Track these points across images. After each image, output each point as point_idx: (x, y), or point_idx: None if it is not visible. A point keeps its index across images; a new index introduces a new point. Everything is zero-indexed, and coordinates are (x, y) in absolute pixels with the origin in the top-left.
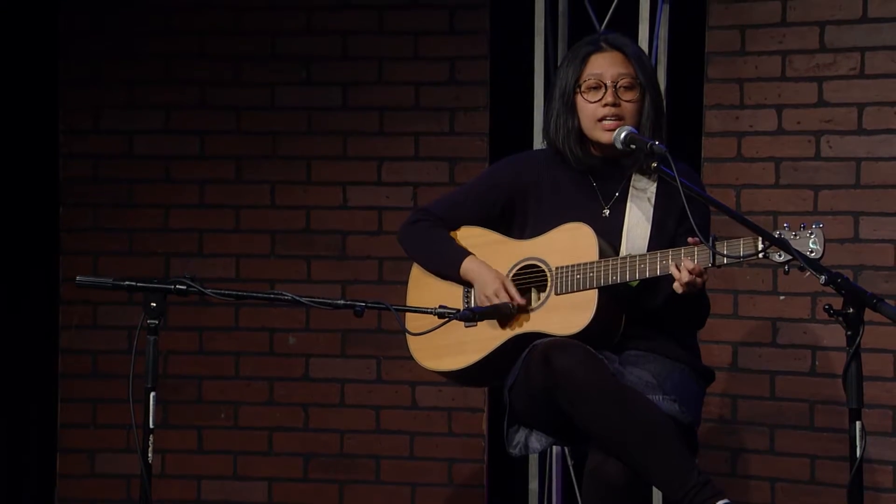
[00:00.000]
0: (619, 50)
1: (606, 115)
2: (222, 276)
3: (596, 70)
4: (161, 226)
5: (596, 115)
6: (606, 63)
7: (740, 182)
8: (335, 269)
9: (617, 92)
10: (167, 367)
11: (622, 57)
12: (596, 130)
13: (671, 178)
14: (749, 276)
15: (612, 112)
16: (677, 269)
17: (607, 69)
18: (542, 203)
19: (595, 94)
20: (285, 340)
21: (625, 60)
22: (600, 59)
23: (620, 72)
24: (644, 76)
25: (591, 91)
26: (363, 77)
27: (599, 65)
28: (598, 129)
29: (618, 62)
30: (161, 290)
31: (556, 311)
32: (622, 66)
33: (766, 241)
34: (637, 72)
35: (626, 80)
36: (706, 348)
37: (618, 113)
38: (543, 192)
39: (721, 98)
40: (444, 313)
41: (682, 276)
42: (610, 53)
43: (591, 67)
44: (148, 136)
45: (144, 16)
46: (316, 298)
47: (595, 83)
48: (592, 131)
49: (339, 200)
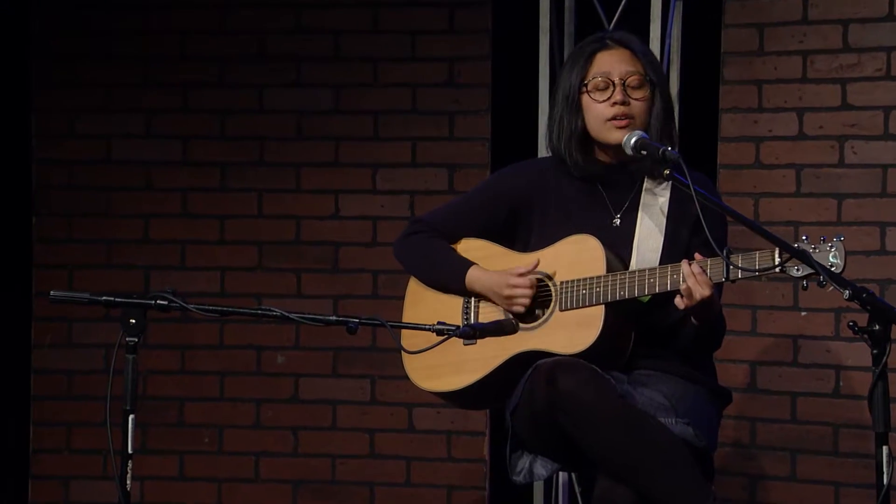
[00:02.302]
0: (626, 47)
1: (616, 114)
2: (206, 291)
3: (603, 68)
4: (141, 237)
5: (605, 114)
6: (614, 60)
7: (758, 190)
8: (327, 282)
9: (626, 90)
10: (147, 388)
11: (629, 54)
12: (604, 130)
13: (684, 185)
14: (768, 290)
15: (621, 111)
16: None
17: (615, 67)
18: (546, 213)
19: (603, 93)
20: (273, 359)
21: (632, 57)
22: (607, 57)
23: (629, 69)
24: (654, 73)
25: (598, 91)
26: (357, 79)
27: (606, 62)
28: (608, 128)
29: (625, 59)
30: (141, 305)
31: (560, 329)
32: (630, 64)
33: (783, 254)
34: (646, 69)
35: (634, 78)
36: (722, 367)
37: (628, 112)
38: (548, 202)
39: (738, 101)
40: (443, 330)
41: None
42: (617, 51)
43: (598, 66)
44: (127, 140)
45: (123, 14)
46: (306, 314)
47: (602, 82)
48: (601, 132)
49: (331, 210)
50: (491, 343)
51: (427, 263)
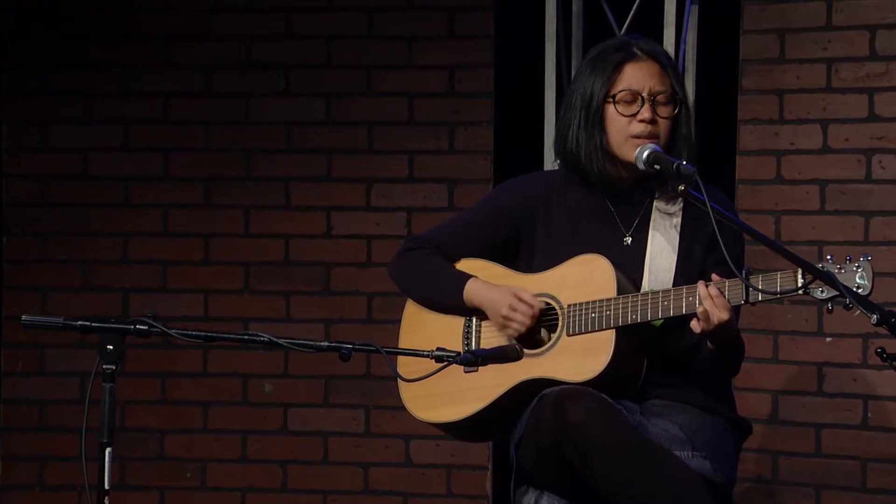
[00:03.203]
0: (655, 59)
1: (642, 132)
2: (189, 315)
3: (631, 82)
4: (119, 257)
5: (630, 131)
6: (643, 74)
7: (780, 207)
8: (318, 305)
9: (654, 107)
10: (125, 420)
11: (658, 68)
12: (626, 147)
13: (700, 202)
14: (791, 314)
15: (648, 130)
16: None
17: (645, 81)
18: (552, 231)
19: (629, 107)
20: (260, 388)
21: (661, 72)
22: (636, 70)
23: (658, 86)
24: (681, 90)
25: (624, 104)
26: (350, 87)
27: (635, 76)
28: (630, 145)
29: (655, 74)
30: (119, 330)
31: (568, 355)
32: (660, 79)
33: (807, 275)
34: (674, 85)
35: (663, 96)
36: (742, 397)
37: (654, 131)
38: (554, 219)
39: (758, 112)
40: (442, 357)
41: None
42: (646, 63)
43: (626, 78)
44: (104, 154)
45: (101, 19)
46: (296, 340)
47: (630, 95)
48: (622, 148)
49: (323, 228)
50: (494, 370)
51: (423, 280)
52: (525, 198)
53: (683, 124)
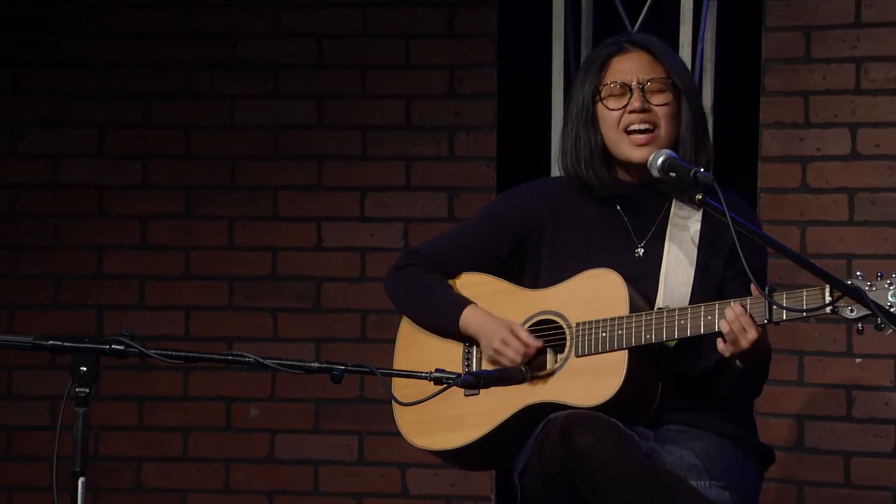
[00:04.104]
0: (646, 49)
1: (634, 122)
2: (168, 334)
3: (619, 74)
4: (93, 272)
5: (622, 124)
6: (631, 65)
7: (805, 218)
8: (308, 323)
9: (645, 95)
10: (99, 447)
11: (649, 57)
12: (623, 144)
13: (719, 212)
14: (817, 333)
15: (641, 119)
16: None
17: (633, 72)
18: (559, 243)
19: (618, 100)
20: (246, 413)
21: (652, 61)
22: (623, 62)
23: (647, 73)
24: (678, 77)
25: (612, 98)
26: (343, 89)
27: (622, 67)
28: (626, 142)
29: (644, 63)
30: (93, 350)
31: (576, 378)
32: (649, 67)
33: (835, 292)
34: (669, 73)
35: (655, 83)
36: (764, 422)
37: (649, 119)
38: (561, 231)
39: (781, 115)
40: (442, 378)
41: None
42: (635, 54)
43: (613, 72)
44: (78, 160)
45: (76, 15)
46: (284, 360)
47: (618, 88)
48: (619, 145)
49: (313, 240)
50: (496, 394)
51: (419, 301)
52: (530, 208)
53: (686, 115)
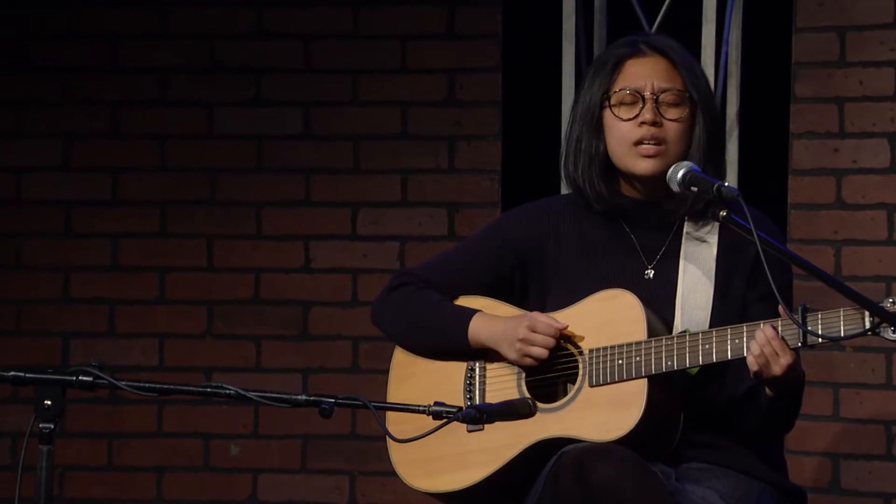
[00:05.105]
0: (664, 54)
1: (644, 136)
2: (141, 364)
3: (632, 79)
4: (59, 295)
5: (630, 136)
6: (646, 71)
7: (840, 237)
8: (294, 352)
9: (658, 107)
10: (65, 488)
11: (667, 63)
12: (629, 157)
13: (746, 232)
14: (853, 363)
15: (650, 133)
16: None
17: (647, 78)
18: (566, 265)
19: (629, 109)
20: (226, 450)
21: (670, 68)
22: (638, 66)
23: (664, 83)
24: (696, 90)
25: (623, 106)
26: (332, 95)
27: (637, 73)
28: (633, 155)
29: (661, 70)
30: (58, 382)
31: (591, 410)
32: (666, 76)
33: (874, 315)
34: (686, 84)
35: (670, 95)
36: (795, 461)
37: (658, 135)
38: (568, 251)
39: (814, 124)
40: (441, 413)
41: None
42: (651, 58)
43: (626, 76)
44: (41, 174)
45: (39, 15)
46: (268, 393)
47: (630, 96)
48: (625, 158)
49: (300, 260)
50: (502, 429)
51: (416, 320)
52: (536, 227)
53: (700, 132)
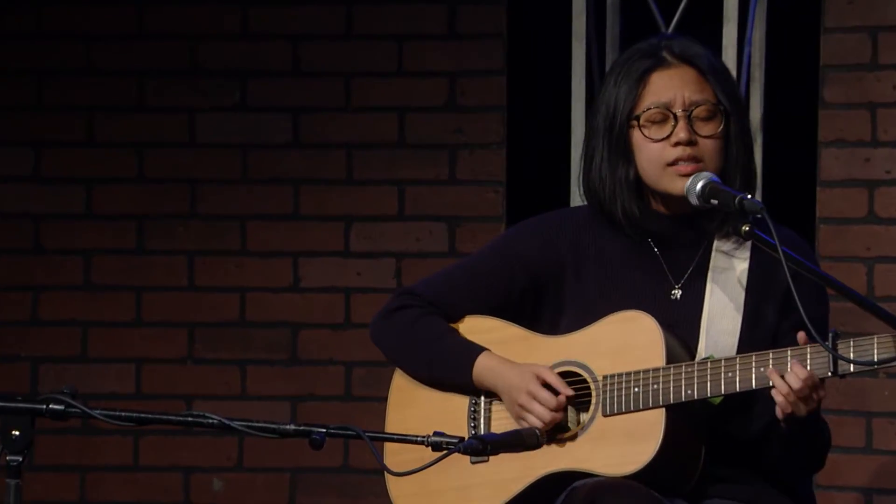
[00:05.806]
0: (691, 63)
1: (680, 157)
2: (118, 392)
3: (660, 95)
4: (28, 317)
5: (664, 158)
6: (675, 84)
7: (872, 253)
8: (282, 378)
9: (691, 123)
10: None
11: (695, 74)
12: (665, 178)
13: (769, 246)
14: (888, 391)
15: (687, 154)
16: (782, 380)
17: (676, 92)
18: (582, 283)
19: (660, 128)
20: (208, 485)
21: (699, 79)
22: (665, 79)
23: (695, 97)
24: (728, 100)
25: (653, 126)
26: (324, 100)
27: (664, 87)
28: (669, 175)
29: (690, 82)
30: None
31: (604, 441)
32: (697, 88)
33: None
34: (717, 94)
35: (703, 109)
36: (825, 497)
37: (694, 154)
38: (584, 268)
39: (844, 131)
40: (442, 444)
41: (785, 389)
42: (678, 69)
43: (653, 91)
44: (9, 185)
45: (5, 14)
46: (253, 422)
47: (659, 114)
48: (661, 180)
49: (289, 279)
50: (508, 461)
51: (419, 349)
52: (548, 242)
53: (735, 145)
